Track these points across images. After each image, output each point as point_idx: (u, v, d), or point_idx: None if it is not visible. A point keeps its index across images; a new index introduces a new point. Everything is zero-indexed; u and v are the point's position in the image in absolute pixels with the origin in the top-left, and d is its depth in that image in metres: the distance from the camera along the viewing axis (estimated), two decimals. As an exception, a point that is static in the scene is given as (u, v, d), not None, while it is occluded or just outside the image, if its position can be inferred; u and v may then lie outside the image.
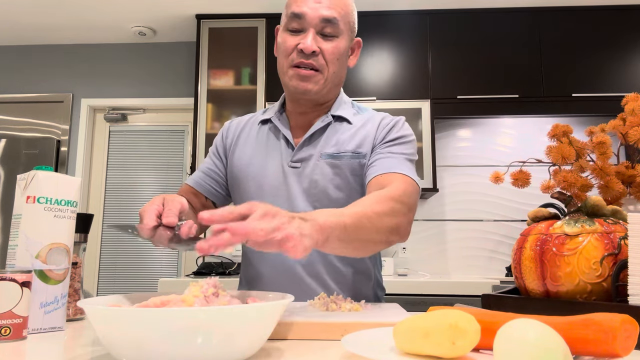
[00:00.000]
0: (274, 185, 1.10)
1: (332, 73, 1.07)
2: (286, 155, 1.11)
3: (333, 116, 1.12)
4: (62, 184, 0.81)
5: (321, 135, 1.11)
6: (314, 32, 1.03)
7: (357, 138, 1.09)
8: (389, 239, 0.90)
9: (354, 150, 1.08)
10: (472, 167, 3.10)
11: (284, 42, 1.06)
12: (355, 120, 1.13)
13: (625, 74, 2.82)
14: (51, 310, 0.78)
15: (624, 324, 0.50)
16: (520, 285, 0.82)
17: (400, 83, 2.88)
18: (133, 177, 3.35)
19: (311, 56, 1.03)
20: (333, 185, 1.07)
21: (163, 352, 0.51)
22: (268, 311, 0.56)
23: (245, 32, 2.99)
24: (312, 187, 1.07)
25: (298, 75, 1.05)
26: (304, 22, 1.04)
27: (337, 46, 1.05)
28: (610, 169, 0.95)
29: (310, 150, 1.10)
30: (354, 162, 1.07)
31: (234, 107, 2.99)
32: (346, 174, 1.07)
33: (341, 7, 1.06)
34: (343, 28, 1.06)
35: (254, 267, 1.13)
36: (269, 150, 1.13)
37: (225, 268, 2.82)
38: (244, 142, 1.18)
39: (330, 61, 1.05)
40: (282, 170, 1.10)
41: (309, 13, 1.03)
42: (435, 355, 0.52)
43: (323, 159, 1.08)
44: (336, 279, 1.09)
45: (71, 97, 3.40)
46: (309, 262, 1.07)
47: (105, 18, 3.11)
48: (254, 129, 1.19)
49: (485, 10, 2.93)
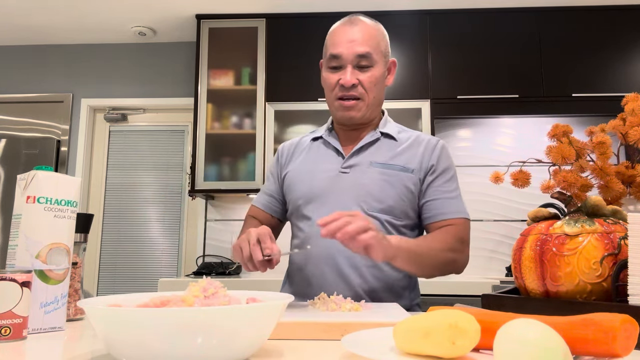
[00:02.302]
0: (323, 187, 1.22)
1: (372, 98, 1.21)
2: (336, 163, 1.24)
3: (381, 132, 1.26)
4: (62, 184, 0.81)
5: (370, 148, 1.24)
6: (351, 67, 1.18)
7: (405, 155, 1.23)
8: (446, 269, 1.15)
9: (403, 165, 1.21)
10: (472, 167, 3.10)
11: (327, 79, 1.22)
12: (400, 138, 1.26)
13: (625, 74, 2.82)
14: (51, 310, 0.78)
15: (624, 324, 0.50)
16: (520, 285, 0.82)
17: (400, 83, 2.88)
18: (133, 177, 3.35)
19: (351, 89, 1.18)
20: (380, 188, 1.19)
21: (163, 352, 0.51)
22: (268, 311, 0.56)
23: (245, 32, 2.99)
24: (360, 189, 1.19)
25: (342, 106, 1.21)
26: (342, 60, 1.19)
27: (373, 75, 1.20)
28: (610, 169, 0.95)
29: (360, 159, 1.23)
30: (403, 174, 1.20)
31: (234, 107, 2.99)
32: (394, 181, 1.19)
33: (372, 40, 1.20)
34: (376, 58, 1.20)
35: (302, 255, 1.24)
36: (320, 159, 1.27)
37: (225, 268, 2.82)
38: (298, 156, 1.33)
39: (369, 89, 1.20)
40: (333, 175, 1.22)
41: (345, 52, 1.18)
42: (435, 355, 0.52)
43: (373, 166, 1.21)
44: (373, 272, 1.17)
45: (71, 97, 3.40)
46: (350, 254, 1.14)
47: (105, 18, 3.11)
48: (306, 146, 1.33)
49: (486, 10, 2.93)
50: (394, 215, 1.18)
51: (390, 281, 1.18)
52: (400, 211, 1.19)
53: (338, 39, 1.20)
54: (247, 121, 2.96)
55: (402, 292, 1.20)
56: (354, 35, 1.18)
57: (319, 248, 1.18)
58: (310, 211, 1.22)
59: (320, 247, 1.17)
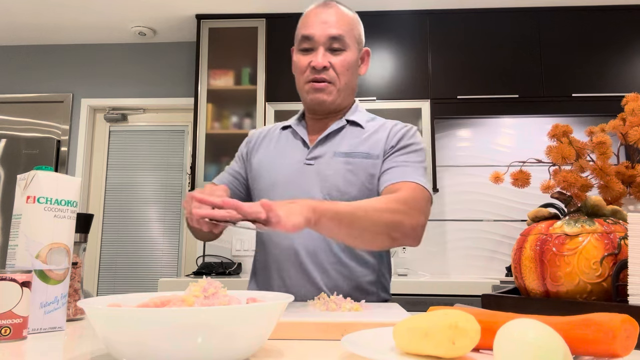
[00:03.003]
0: (288, 180, 1.18)
1: (344, 84, 1.17)
2: (302, 154, 1.20)
3: (347, 120, 1.22)
4: (62, 184, 0.81)
5: (335, 137, 1.20)
6: (324, 50, 1.15)
7: (369, 142, 1.18)
8: (391, 235, 0.98)
9: (366, 152, 1.16)
10: (472, 167, 3.10)
11: (298, 62, 1.18)
12: (368, 126, 1.21)
13: (625, 74, 2.82)
14: (51, 310, 0.78)
15: (624, 324, 0.50)
16: (520, 285, 0.82)
17: (400, 83, 2.88)
18: (133, 177, 3.35)
19: (322, 71, 1.14)
20: (345, 180, 1.14)
21: (163, 352, 0.51)
22: (268, 311, 0.56)
23: (245, 32, 2.99)
24: (325, 181, 1.15)
25: (313, 89, 1.16)
26: (314, 42, 1.15)
27: (345, 59, 1.16)
28: (610, 169, 0.95)
29: (325, 149, 1.19)
30: (366, 162, 1.15)
31: (234, 107, 2.99)
32: (358, 170, 1.15)
33: (346, 23, 1.16)
34: (349, 42, 1.17)
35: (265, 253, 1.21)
36: (287, 150, 1.23)
37: (225, 268, 2.82)
38: (266, 145, 1.28)
39: (341, 73, 1.16)
40: (298, 167, 1.18)
41: (317, 33, 1.14)
42: (435, 355, 0.52)
43: (337, 157, 1.16)
44: (337, 269, 1.14)
45: (71, 97, 3.40)
46: (313, 251, 1.13)
47: (106, 18, 3.11)
48: (275, 135, 1.29)
49: (485, 10, 2.93)
50: None
51: (355, 277, 1.14)
52: None
53: (311, 20, 1.16)
54: (247, 121, 2.96)
55: (369, 288, 1.16)
56: (328, 17, 1.15)
57: (281, 247, 1.15)
58: None
59: (283, 245, 1.15)
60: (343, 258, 1.14)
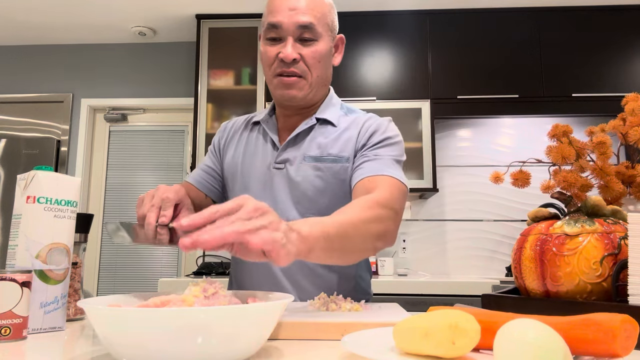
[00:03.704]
0: (259, 187, 1.10)
1: (316, 77, 1.06)
2: (272, 157, 1.11)
3: (317, 119, 1.12)
4: (62, 184, 0.81)
5: (305, 138, 1.10)
6: (293, 40, 1.03)
7: (340, 141, 1.08)
8: (375, 246, 0.89)
9: (336, 154, 1.07)
10: (472, 167, 3.10)
11: (265, 52, 1.07)
12: (340, 123, 1.12)
13: (625, 74, 2.82)
14: (51, 310, 0.78)
15: (624, 324, 0.50)
16: (520, 285, 0.82)
17: (400, 83, 2.88)
18: (133, 177, 3.35)
19: (292, 64, 1.03)
20: (315, 187, 1.06)
21: (163, 352, 0.51)
22: (268, 311, 0.56)
23: (245, 32, 2.99)
24: (295, 189, 1.07)
25: (282, 84, 1.05)
26: (282, 31, 1.03)
27: (316, 50, 1.04)
28: (610, 169, 0.95)
29: (294, 152, 1.09)
30: (336, 166, 1.06)
31: (234, 107, 2.99)
32: (328, 177, 1.06)
33: (317, 10, 1.04)
34: (321, 31, 1.05)
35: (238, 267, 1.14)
36: (257, 151, 1.14)
37: (225, 268, 2.81)
38: (237, 143, 1.19)
39: (312, 65, 1.05)
40: (267, 172, 1.10)
41: (285, 21, 1.02)
42: (435, 355, 0.52)
43: (306, 161, 1.07)
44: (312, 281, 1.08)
45: (71, 97, 3.40)
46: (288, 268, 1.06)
47: (105, 18, 3.11)
48: (246, 130, 1.20)
49: (485, 10, 2.93)
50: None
51: (330, 286, 1.08)
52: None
53: (277, 5, 1.03)
54: (247, 121, 2.96)
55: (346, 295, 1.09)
56: (296, 2, 1.02)
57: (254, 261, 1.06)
58: None
59: None
60: (318, 269, 1.08)
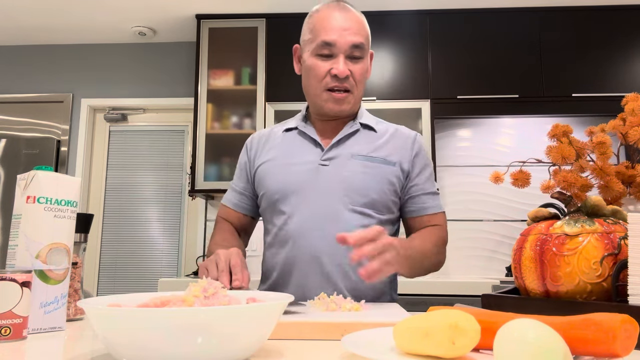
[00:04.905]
0: (302, 181, 1.16)
1: (360, 91, 1.18)
2: (315, 155, 1.19)
3: (360, 124, 1.22)
4: (62, 184, 0.81)
5: (349, 139, 1.20)
6: (344, 57, 1.13)
7: (388, 146, 1.20)
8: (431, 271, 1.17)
9: (384, 157, 1.18)
10: (472, 167, 3.10)
11: (316, 67, 1.15)
12: (378, 129, 1.23)
13: (625, 74, 2.82)
14: (51, 310, 0.78)
15: (624, 324, 0.50)
16: (520, 285, 0.82)
17: (400, 83, 2.88)
18: (133, 177, 3.35)
19: (344, 80, 1.13)
20: (363, 182, 1.15)
21: (163, 352, 0.51)
22: (268, 311, 0.56)
23: (245, 32, 2.99)
24: (343, 182, 1.15)
25: (334, 99, 1.15)
26: (334, 49, 1.13)
27: (363, 67, 1.16)
28: (610, 169, 0.95)
29: (340, 151, 1.18)
30: (385, 168, 1.17)
31: (234, 107, 2.99)
32: (376, 175, 1.16)
33: (364, 30, 1.16)
34: (367, 49, 1.17)
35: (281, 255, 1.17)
36: (296, 151, 1.21)
37: (225, 268, 2.81)
38: (269, 148, 1.25)
39: (359, 81, 1.16)
40: (312, 168, 1.17)
41: (339, 40, 1.12)
42: (435, 355, 0.52)
43: (355, 159, 1.17)
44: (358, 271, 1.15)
45: (71, 97, 3.40)
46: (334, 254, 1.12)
47: (105, 18, 3.11)
48: (278, 137, 1.26)
49: (485, 10, 2.93)
50: (376, 209, 1.15)
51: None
52: (382, 205, 1.16)
53: (330, 24, 1.13)
54: (247, 121, 2.96)
55: (384, 288, 1.18)
56: (347, 23, 1.13)
57: (303, 248, 1.13)
58: (287, 206, 1.16)
59: (304, 247, 1.13)
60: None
